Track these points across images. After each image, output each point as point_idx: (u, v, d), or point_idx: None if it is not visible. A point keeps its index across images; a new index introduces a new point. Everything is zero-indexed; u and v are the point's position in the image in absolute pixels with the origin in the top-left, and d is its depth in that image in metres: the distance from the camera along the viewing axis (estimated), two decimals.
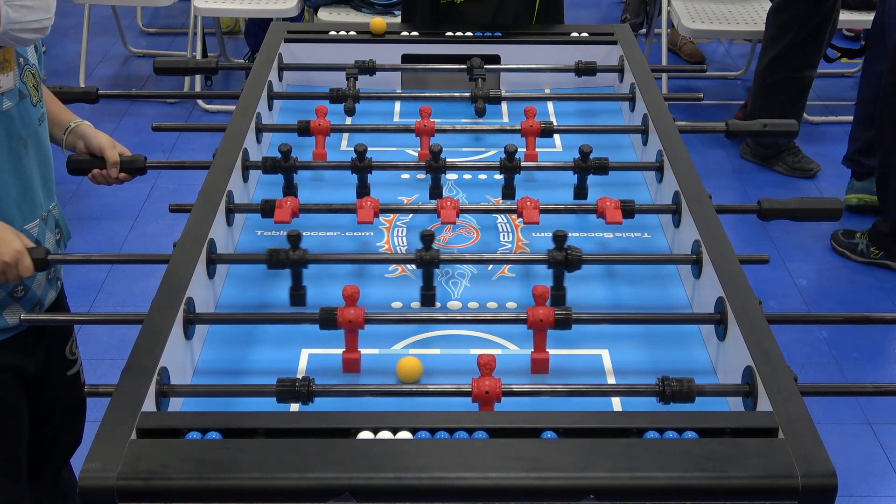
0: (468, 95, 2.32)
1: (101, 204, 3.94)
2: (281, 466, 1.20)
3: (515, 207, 1.85)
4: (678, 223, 1.86)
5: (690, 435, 1.27)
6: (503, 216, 1.99)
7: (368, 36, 2.56)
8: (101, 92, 2.24)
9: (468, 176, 2.14)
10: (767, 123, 2.13)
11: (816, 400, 1.51)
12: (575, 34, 2.59)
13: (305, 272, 1.69)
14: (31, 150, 1.75)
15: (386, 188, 2.03)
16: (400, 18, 2.88)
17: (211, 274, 1.69)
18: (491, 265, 1.83)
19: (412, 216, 1.98)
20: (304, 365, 1.58)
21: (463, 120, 2.36)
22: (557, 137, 2.28)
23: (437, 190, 1.99)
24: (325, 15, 4.52)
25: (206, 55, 4.88)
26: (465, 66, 2.40)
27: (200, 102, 4.76)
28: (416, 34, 2.58)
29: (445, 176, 2.03)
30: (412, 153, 2.20)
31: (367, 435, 1.27)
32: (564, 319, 1.53)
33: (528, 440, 1.26)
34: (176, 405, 1.45)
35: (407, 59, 2.53)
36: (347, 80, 2.34)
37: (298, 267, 1.68)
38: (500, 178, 2.04)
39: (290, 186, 1.98)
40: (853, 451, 2.85)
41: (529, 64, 2.52)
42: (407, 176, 2.14)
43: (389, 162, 2.06)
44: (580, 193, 2.00)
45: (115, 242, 3.72)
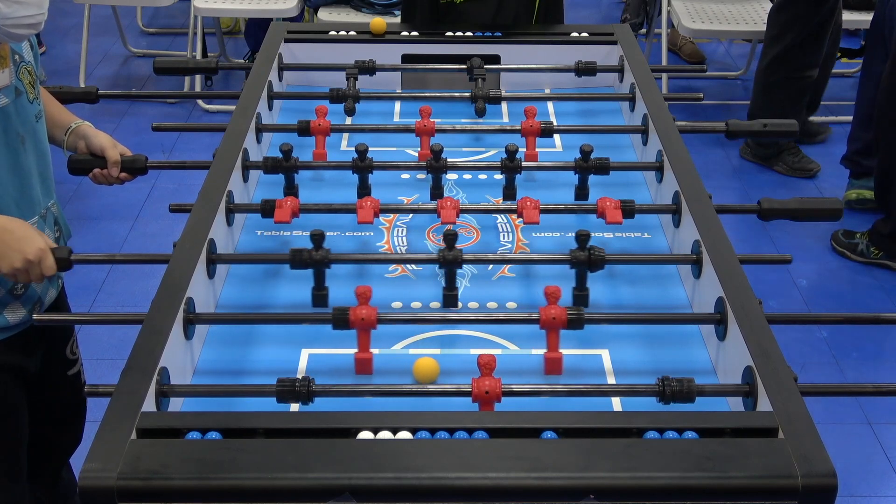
0: (468, 95, 2.32)
1: (101, 204, 3.94)
2: (281, 466, 1.20)
3: (515, 207, 1.85)
4: (678, 223, 1.86)
5: (690, 435, 1.27)
6: (503, 216, 1.99)
7: (368, 36, 2.56)
8: (101, 92, 2.24)
9: (468, 176, 2.14)
10: (767, 123, 2.13)
11: (816, 400, 1.51)
12: (575, 34, 2.59)
13: (304, 272, 1.68)
14: (28, 146, 1.75)
15: (386, 188, 2.03)
16: (400, 18, 2.88)
17: (211, 274, 1.69)
18: (491, 265, 1.83)
19: (412, 216, 1.98)
20: (304, 365, 1.58)
21: (463, 120, 2.36)
22: (557, 137, 2.28)
23: (437, 190, 1.98)
24: (325, 15, 4.52)
25: (206, 55, 4.88)
26: (465, 66, 2.40)
27: (200, 102, 4.76)
28: (416, 34, 2.58)
29: (445, 176, 2.03)
30: (412, 153, 2.20)
31: (367, 435, 1.27)
32: (577, 319, 1.53)
33: (528, 440, 1.26)
34: (176, 405, 1.45)
35: (407, 59, 2.53)
36: (347, 80, 2.34)
37: (321, 267, 1.67)
38: (500, 178, 2.04)
39: (290, 186, 1.98)
40: (853, 451, 2.85)
41: (529, 64, 2.52)
42: (407, 176, 2.14)
43: (390, 162, 2.06)
44: (581, 194, 2.00)
45: (115, 242, 3.72)
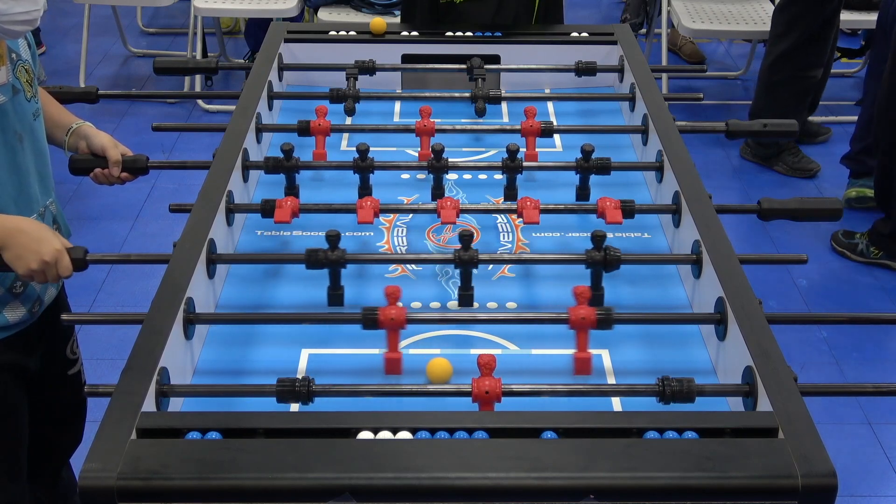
0: (468, 95, 2.32)
1: (101, 204, 3.94)
2: (281, 466, 1.20)
3: (515, 207, 1.85)
4: (678, 223, 1.86)
5: (690, 435, 1.27)
6: (503, 216, 1.99)
7: (368, 36, 2.55)
8: (101, 92, 2.24)
9: (468, 176, 2.14)
10: (767, 123, 2.13)
11: (816, 400, 1.51)
12: (575, 34, 2.59)
13: (304, 272, 1.68)
14: (26, 145, 1.75)
15: (386, 188, 2.03)
16: (400, 18, 2.88)
17: (211, 274, 1.69)
18: (491, 265, 1.83)
19: (412, 216, 1.98)
20: (304, 365, 1.58)
21: (463, 120, 2.36)
22: (557, 137, 2.28)
23: (438, 190, 1.98)
24: (325, 15, 4.52)
25: (206, 55, 4.88)
26: (465, 66, 2.40)
27: (200, 102, 4.76)
28: (416, 34, 2.58)
29: (446, 176, 2.03)
30: (412, 153, 2.20)
31: (367, 435, 1.27)
32: (606, 319, 1.53)
33: (528, 440, 1.26)
34: (176, 405, 1.45)
35: (407, 59, 2.53)
36: (347, 80, 2.34)
37: (338, 267, 1.67)
38: (500, 178, 2.04)
39: (291, 187, 1.98)
40: (853, 451, 2.85)
41: (529, 64, 2.52)
42: (407, 176, 2.14)
43: (392, 162, 2.06)
44: (582, 194, 2.00)
45: (115, 242, 3.72)
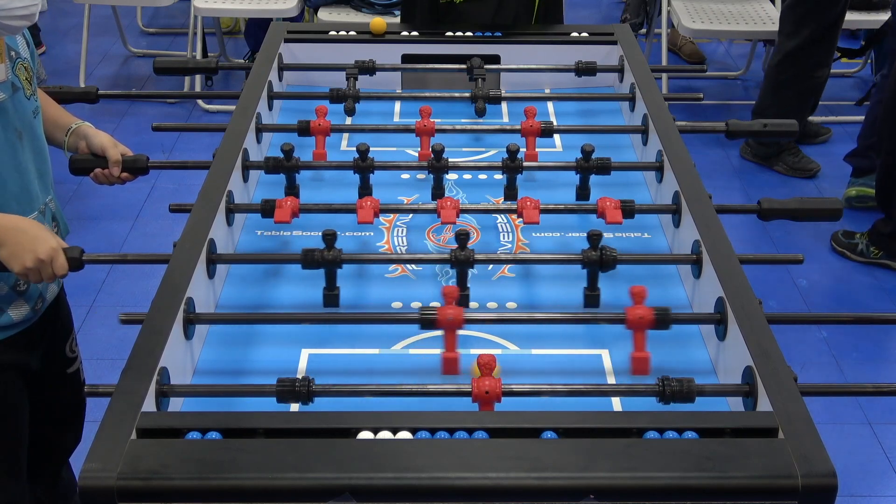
0: (468, 95, 2.32)
1: (101, 204, 3.94)
2: (281, 466, 1.20)
3: (515, 207, 1.85)
4: (678, 223, 1.86)
5: (690, 435, 1.27)
6: (503, 216, 1.99)
7: (368, 36, 2.55)
8: (101, 92, 2.24)
9: (468, 176, 2.14)
10: (767, 123, 2.13)
11: (816, 400, 1.51)
12: (575, 34, 2.59)
13: (304, 272, 1.68)
14: (26, 142, 1.75)
15: (386, 188, 2.03)
16: (400, 18, 2.88)
17: (211, 274, 1.69)
18: (491, 265, 1.83)
19: (412, 216, 1.98)
20: (304, 365, 1.58)
21: (463, 120, 2.36)
22: (557, 137, 2.28)
23: (439, 190, 1.98)
24: (325, 15, 4.52)
25: (206, 55, 4.88)
26: (465, 66, 2.40)
27: (200, 102, 4.76)
28: (415, 34, 2.58)
29: (446, 176, 2.03)
30: (412, 153, 2.20)
31: (367, 435, 1.27)
32: (663, 319, 1.53)
33: (528, 440, 1.26)
34: (176, 405, 1.45)
35: (407, 59, 2.53)
36: (347, 80, 2.34)
37: (333, 267, 1.67)
38: (500, 178, 2.04)
39: (292, 187, 1.98)
40: (853, 451, 2.85)
41: (529, 64, 2.52)
42: (407, 176, 2.14)
43: (392, 162, 2.06)
44: (583, 194, 2.00)
45: (115, 242, 3.72)
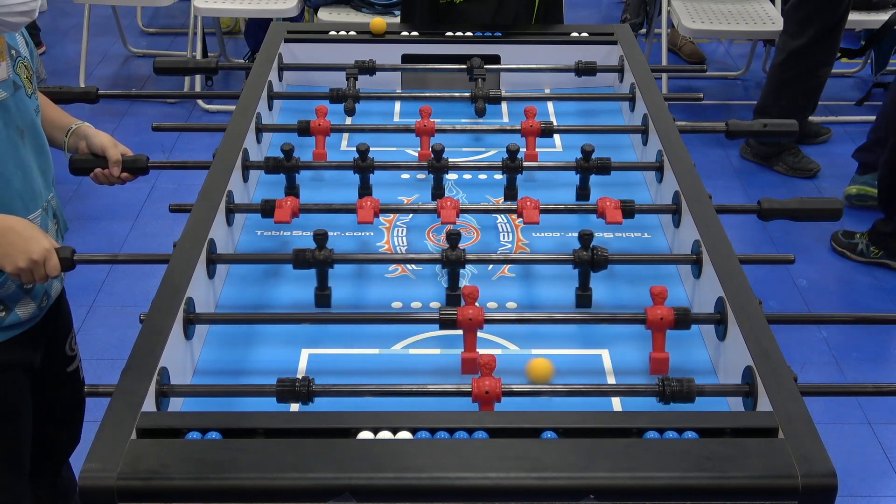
0: (468, 95, 2.32)
1: (101, 204, 3.94)
2: (281, 466, 1.20)
3: (515, 207, 1.85)
4: (678, 223, 1.86)
5: (690, 435, 1.27)
6: (503, 216, 1.99)
7: (368, 36, 2.55)
8: (101, 92, 2.24)
9: (468, 176, 2.14)
10: (767, 123, 2.13)
11: (816, 400, 1.51)
12: (575, 34, 2.59)
13: (304, 272, 1.68)
14: (27, 140, 1.76)
15: (386, 188, 2.03)
16: (400, 18, 2.88)
17: (211, 274, 1.69)
18: (491, 265, 1.83)
19: (412, 216, 1.98)
20: (304, 365, 1.58)
21: (463, 120, 2.36)
22: (557, 137, 2.28)
23: (439, 190, 1.98)
24: (325, 15, 4.52)
25: (206, 55, 4.88)
26: (465, 66, 2.40)
27: (200, 102, 4.76)
28: (416, 34, 2.58)
29: (446, 176, 2.03)
30: (412, 153, 2.20)
31: (367, 435, 1.27)
32: (684, 319, 1.53)
33: (528, 440, 1.26)
34: (176, 405, 1.45)
35: (407, 59, 2.53)
36: (347, 80, 2.34)
37: (325, 267, 1.67)
38: (500, 178, 2.04)
39: (292, 186, 1.98)
40: (853, 451, 2.85)
41: (529, 64, 2.52)
42: (407, 176, 2.14)
43: (392, 162, 2.06)
44: (583, 194, 2.00)
45: (115, 242, 3.72)
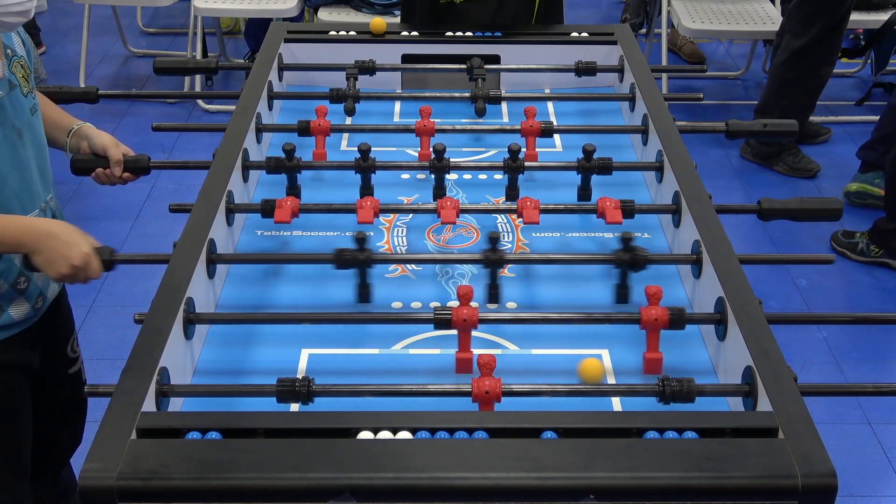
0: (468, 95, 2.32)
1: (101, 204, 3.94)
2: (281, 466, 1.20)
3: (515, 207, 1.85)
4: (678, 223, 1.86)
5: (690, 435, 1.27)
6: (503, 216, 1.99)
7: (368, 36, 2.55)
8: (101, 92, 2.24)
9: (468, 176, 2.14)
10: (767, 123, 2.13)
11: (816, 400, 1.51)
12: (575, 34, 2.59)
13: (304, 272, 1.68)
14: (25, 140, 1.75)
15: (386, 188, 2.03)
16: (400, 18, 2.88)
17: (211, 274, 1.69)
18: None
19: (412, 216, 1.98)
20: (304, 365, 1.58)
21: (463, 120, 2.36)
22: (557, 137, 2.28)
23: (440, 190, 1.98)
24: (325, 15, 4.52)
25: (206, 55, 4.88)
26: (465, 66, 2.40)
27: (200, 102, 4.76)
28: (416, 34, 2.58)
29: (447, 176, 2.03)
30: (412, 153, 2.20)
31: (367, 435, 1.27)
32: (678, 319, 1.53)
33: (528, 440, 1.26)
34: (176, 405, 1.45)
35: (407, 59, 2.53)
36: (347, 80, 2.34)
37: (365, 267, 1.68)
38: (500, 178, 2.04)
39: (293, 186, 1.98)
40: (853, 451, 2.85)
41: (529, 64, 2.52)
42: (407, 176, 2.14)
43: (394, 162, 2.05)
44: (584, 194, 2.00)
45: (115, 242, 3.67)
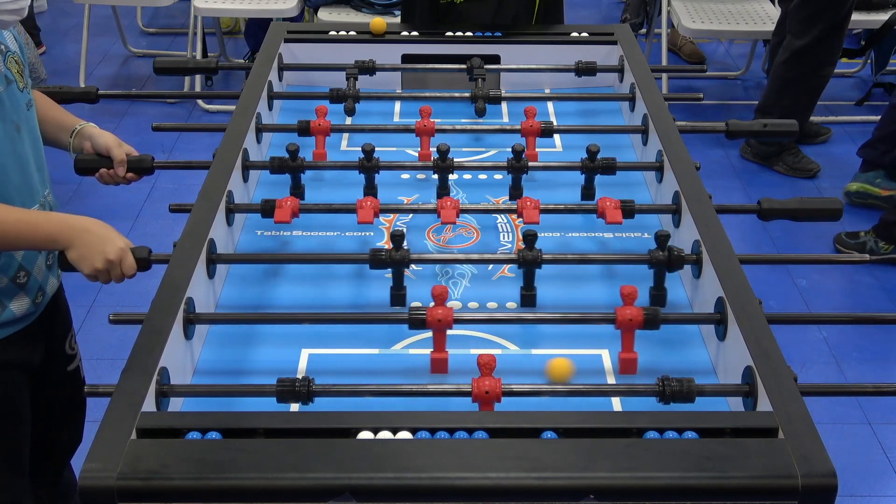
0: (468, 95, 2.32)
1: (101, 204, 3.94)
2: (281, 466, 1.20)
3: (515, 207, 1.85)
4: (678, 223, 1.86)
5: (690, 435, 1.27)
6: (503, 216, 1.99)
7: (368, 36, 2.55)
8: (101, 92, 2.24)
9: (468, 176, 2.14)
10: (767, 123, 2.13)
11: (816, 400, 1.51)
12: (575, 34, 2.59)
13: (304, 272, 1.68)
14: (23, 135, 1.76)
15: (386, 188, 2.03)
16: (400, 18, 2.88)
17: (211, 274, 1.69)
18: (490, 265, 1.83)
19: (412, 216, 1.98)
20: (304, 365, 1.58)
21: (463, 120, 2.36)
22: (557, 137, 2.28)
23: (444, 190, 1.98)
24: (325, 15, 4.52)
25: (206, 55, 4.88)
26: (465, 66, 2.40)
27: (200, 102, 4.76)
28: (416, 34, 2.58)
29: (449, 176, 2.03)
30: (412, 153, 2.20)
31: (367, 435, 1.27)
32: (653, 319, 1.53)
33: (528, 440, 1.26)
34: (176, 405, 1.45)
35: (407, 59, 2.53)
36: (347, 80, 2.34)
37: (401, 267, 1.67)
38: (500, 178, 2.04)
39: (297, 187, 1.98)
40: (853, 451, 2.85)
41: (529, 64, 2.52)
42: (407, 176, 2.14)
43: (397, 162, 2.06)
44: (588, 194, 2.00)
45: None
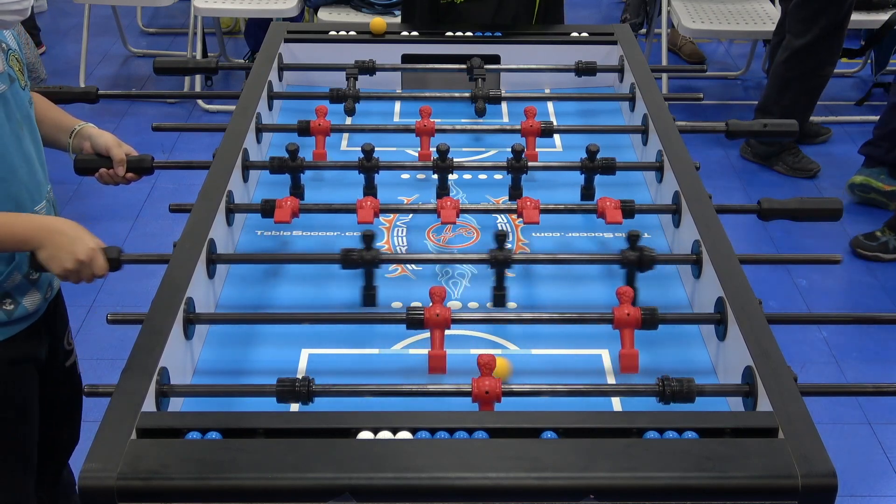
0: (468, 95, 2.32)
1: (101, 204, 3.94)
2: (281, 466, 1.20)
3: (515, 207, 1.85)
4: (678, 223, 1.86)
5: (690, 435, 1.27)
6: (503, 216, 1.99)
7: (368, 36, 2.56)
8: (101, 92, 2.24)
9: (468, 176, 2.14)
10: (767, 123, 2.13)
11: (816, 400, 1.51)
12: (575, 34, 2.59)
13: (304, 272, 1.68)
14: (26, 132, 1.77)
15: (386, 188, 2.03)
16: (400, 18, 2.88)
17: (211, 274, 1.69)
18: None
19: (412, 216, 1.98)
20: (304, 365, 1.58)
21: (463, 120, 2.36)
22: (557, 137, 2.28)
23: (444, 190, 1.98)
24: (325, 15, 4.52)
25: (206, 55, 4.88)
26: (465, 66, 2.40)
27: (200, 102, 4.76)
28: (416, 34, 2.58)
29: (449, 176, 2.03)
30: (412, 153, 2.20)
31: (367, 435, 1.27)
32: (651, 319, 1.53)
33: (528, 440, 1.26)
34: (176, 405, 1.45)
35: (407, 59, 2.53)
36: (347, 80, 2.34)
37: (372, 267, 1.68)
38: (500, 178, 2.04)
39: (297, 186, 1.98)
40: (853, 451, 2.85)
41: (529, 64, 2.52)
42: (407, 176, 2.14)
43: (397, 162, 2.06)
44: (588, 194, 2.00)
45: (115, 242, 3.67)
